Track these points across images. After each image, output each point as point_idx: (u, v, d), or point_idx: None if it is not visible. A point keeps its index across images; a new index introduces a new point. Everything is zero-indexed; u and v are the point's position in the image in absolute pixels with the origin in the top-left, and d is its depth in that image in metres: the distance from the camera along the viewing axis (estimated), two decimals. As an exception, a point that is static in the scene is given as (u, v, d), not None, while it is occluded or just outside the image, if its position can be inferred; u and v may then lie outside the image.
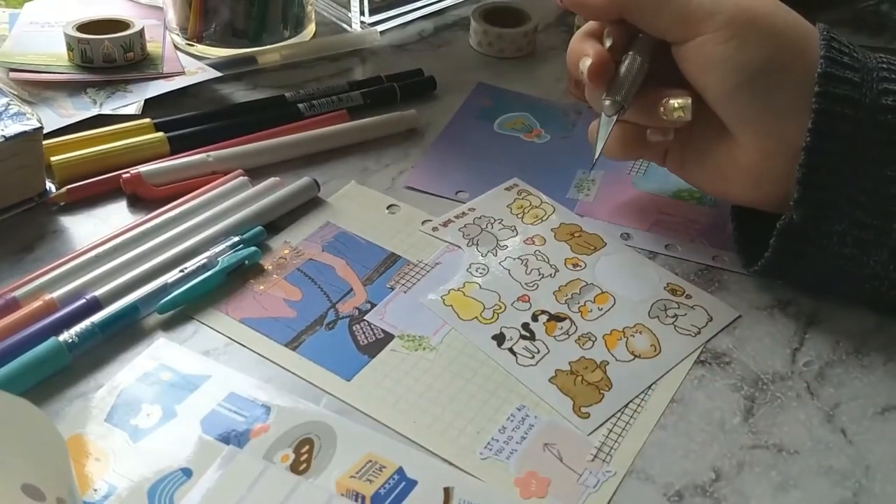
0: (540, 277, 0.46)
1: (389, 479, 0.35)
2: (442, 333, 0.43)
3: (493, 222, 0.49)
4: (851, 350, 0.43)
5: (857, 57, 0.41)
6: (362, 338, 0.42)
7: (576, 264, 0.47)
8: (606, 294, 0.45)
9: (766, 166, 0.42)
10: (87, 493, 0.34)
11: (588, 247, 0.48)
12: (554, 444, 0.38)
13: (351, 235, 0.48)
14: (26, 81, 0.58)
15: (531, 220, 0.50)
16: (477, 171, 0.41)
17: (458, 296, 0.44)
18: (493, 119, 0.58)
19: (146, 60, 0.61)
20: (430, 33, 0.70)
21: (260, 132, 0.55)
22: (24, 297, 0.42)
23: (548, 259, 0.47)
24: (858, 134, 0.39)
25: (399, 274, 0.46)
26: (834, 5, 0.74)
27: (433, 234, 0.48)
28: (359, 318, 0.43)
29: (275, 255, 0.47)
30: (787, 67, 0.41)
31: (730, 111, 0.42)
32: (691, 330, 0.43)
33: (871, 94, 0.40)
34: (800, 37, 0.42)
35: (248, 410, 0.38)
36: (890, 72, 0.41)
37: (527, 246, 0.48)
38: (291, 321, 0.43)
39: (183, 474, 0.35)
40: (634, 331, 0.43)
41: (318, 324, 0.43)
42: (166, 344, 0.41)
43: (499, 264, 0.46)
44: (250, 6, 0.62)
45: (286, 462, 0.36)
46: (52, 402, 0.38)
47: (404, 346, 0.42)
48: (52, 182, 0.50)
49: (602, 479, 0.36)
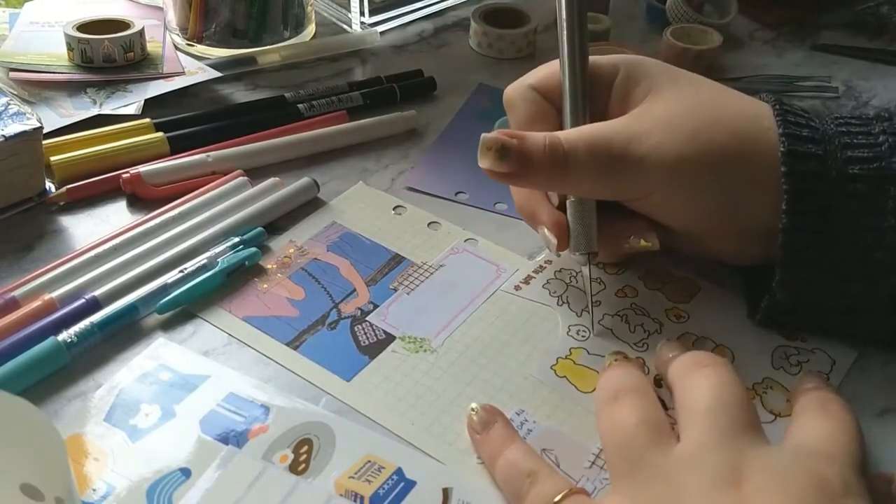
0: (646, 335, 0.43)
1: (388, 480, 0.35)
2: (443, 336, 0.42)
3: (576, 275, 0.46)
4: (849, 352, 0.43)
5: (815, 126, 0.40)
6: (363, 338, 0.42)
7: (678, 315, 0.44)
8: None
9: (749, 249, 0.42)
10: (86, 493, 0.34)
11: (684, 293, 0.45)
12: (552, 449, 0.37)
13: (356, 236, 0.48)
14: (26, 81, 0.58)
15: (613, 269, 0.47)
16: (477, 173, 0.41)
17: (568, 364, 0.41)
18: (493, 120, 0.58)
19: (146, 60, 0.61)
20: (430, 34, 0.70)
21: (260, 132, 0.55)
22: (23, 296, 0.42)
23: (647, 312, 0.44)
24: (831, 207, 0.39)
25: (403, 275, 0.46)
26: (834, 7, 0.75)
27: (516, 294, 0.45)
28: (361, 319, 0.43)
29: (279, 255, 0.47)
30: (747, 170, 0.40)
31: (699, 232, 0.42)
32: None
33: (837, 166, 0.39)
34: (749, 133, 0.40)
35: (247, 411, 0.38)
36: (850, 136, 0.40)
37: (620, 299, 0.45)
38: (293, 320, 0.43)
39: (182, 474, 0.35)
40: (764, 387, 0.40)
41: (319, 323, 0.43)
42: (165, 344, 0.41)
43: (598, 323, 0.43)
44: (250, 6, 0.62)
45: (285, 462, 0.36)
46: (51, 402, 0.38)
47: (405, 347, 0.42)
48: (52, 182, 0.50)
49: (599, 487, 0.36)
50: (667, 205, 0.41)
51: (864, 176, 0.38)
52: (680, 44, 0.64)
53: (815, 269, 0.39)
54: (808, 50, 0.69)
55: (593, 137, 0.40)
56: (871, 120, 0.41)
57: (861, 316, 0.41)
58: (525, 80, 0.44)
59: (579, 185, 0.41)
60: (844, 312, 0.41)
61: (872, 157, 0.39)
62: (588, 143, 0.40)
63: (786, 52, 0.69)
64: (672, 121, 0.40)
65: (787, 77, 0.65)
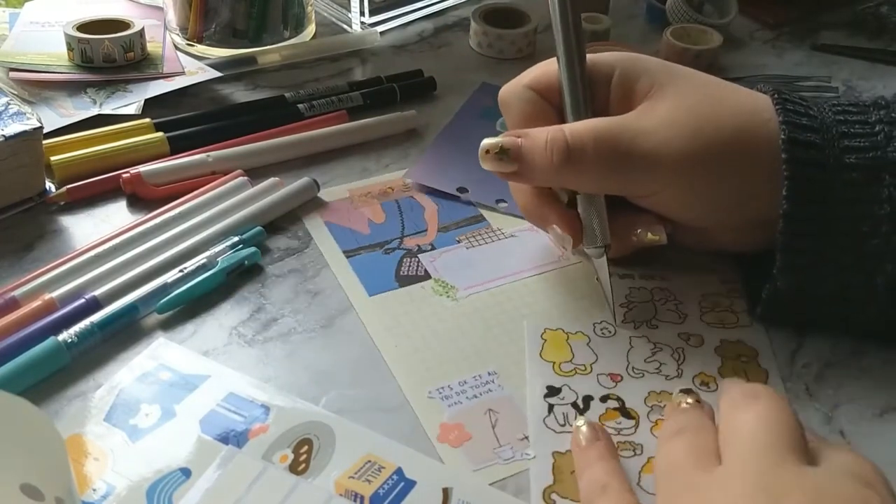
0: (657, 370, 0.41)
1: (388, 480, 0.35)
2: (470, 291, 0.45)
3: (669, 300, 0.45)
4: (850, 352, 0.43)
5: (813, 115, 0.41)
6: (404, 270, 0.46)
7: (706, 383, 0.40)
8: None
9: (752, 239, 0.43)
10: (86, 493, 0.34)
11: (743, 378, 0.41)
12: (498, 412, 0.38)
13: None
14: (26, 81, 0.58)
15: (713, 319, 0.44)
16: (478, 170, 0.41)
17: (558, 335, 0.43)
18: (495, 118, 0.58)
19: (146, 60, 0.61)
20: (430, 34, 0.70)
21: (260, 132, 0.55)
22: (23, 296, 0.42)
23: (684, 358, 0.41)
24: (829, 195, 0.39)
25: (474, 233, 0.49)
26: (834, 7, 0.75)
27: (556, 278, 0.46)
28: (413, 254, 0.47)
29: (385, 183, 0.52)
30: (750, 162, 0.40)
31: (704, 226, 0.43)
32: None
33: (835, 154, 0.39)
34: (750, 125, 0.41)
35: (247, 410, 0.38)
36: (848, 125, 0.40)
37: (679, 339, 0.42)
38: (361, 236, 0.48)
39: (182, 474, 0.35)
40: None
41: (379, 246, 0.48)
42: (166, 343, 0.41)
43: (628, 336, 0.42)
44: (250, 6, 0.62)
45: (285, 462, 0.36)
46: (51, 402, 0.38)
47: (433, 288, 0.45)
48: (52, 182, 0.50)
49: (517, 458, 0.37)
50: (672, 201, 0.42)
51: (861, 165, 0.39)
52: (680, 44, 0.64)
53: (814, 256, 0.40)
54: (808, 50, 0.69)
55: (599, 131, 0.40)
56: (868, 108, 0.41)
57: (859, 306, 0.41)
58: (520, 80, 0.44)
59: (585, 179, 0.41)
60: (843, 303, 0.41)
61: (869, 146, 0.40)
62: (595, 137, 0.40)
63: (786, 52, 0.69)
64: (676, 119, 0.40)
65: (787, 77, 0.65)
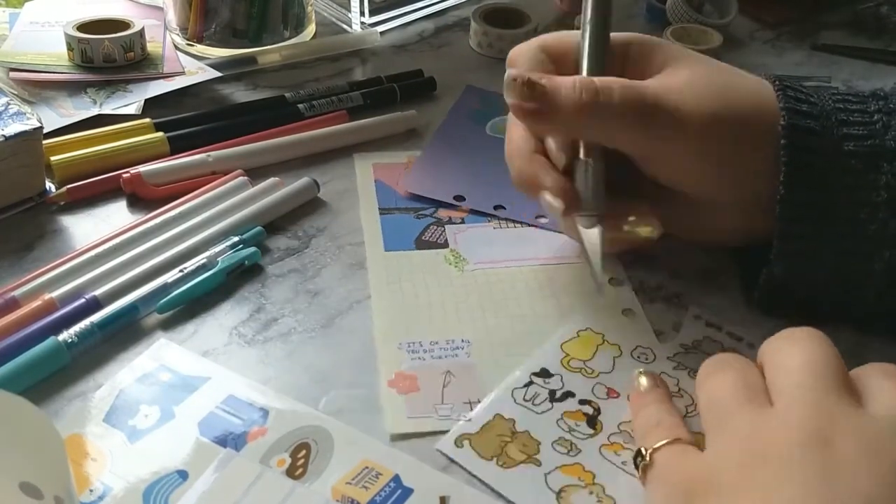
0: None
1: (385, 487, 0.35)
2: (480, 267, 0.46)
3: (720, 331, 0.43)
4: (849, 351, 0.43)
5: (814, 102, 0.41)
6: (426, 235, 0.48)
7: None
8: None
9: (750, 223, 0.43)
10: (84, 494, 0.34)
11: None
12: (455, 375, 0.39)
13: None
14: (26, 81, 0.58)
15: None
16: (475, 177, 0.42)
17: (593, 337, 0.42)
18: (485, 122, 0.58)
19: (146, 60, 0.61)
20: (430, 34, 0.70)
21: (260, 132, 0.55)
22: (23, 296, 0.42)
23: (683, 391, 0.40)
24: (827, 181, 0.40)
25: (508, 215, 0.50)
26: (834, 7, 0.74)
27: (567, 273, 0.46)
28: (440, 224, 0.49)
29: None
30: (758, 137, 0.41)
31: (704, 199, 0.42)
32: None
33: (833, 141, 0.40)
34: (759, 103, 0.41)
35: (246, 413, 0.38)
36: (847, 113, 0.41)
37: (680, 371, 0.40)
38: (401, 199, 0.50)
39: (179, 476, 0.35)
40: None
41: (413, 211, 0.49)
42: (167, 344, 0.41)
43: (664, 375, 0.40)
44: (250, 6, 0.62)
45: (282, 466, 0.36)
46: (51, 402, 0.38)
47: (446, 257, 0.46)
48: (52, 182, 0.50)
49: (453, 417, 0.37)
50: (684, 164, 0.41)
51: (859, 152, 0.40)
52: (680, 44, 0.64)
53: (811, 242, 0.40)
54: (808, 50, 0.69)
55: (626, 82, 0.40)
56: (867, 98, 0.42)
57: (857, 293, 0.41)
58: (533, 42, 0.44)
59: (607, 126, 0.40)
60: (840, 290, 0.41)
61: (867, 134, 0.40)
62: (622, 86, 0.40)
63: (786, 52, 0.69)
64: (699, 84, 0.41)
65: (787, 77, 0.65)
